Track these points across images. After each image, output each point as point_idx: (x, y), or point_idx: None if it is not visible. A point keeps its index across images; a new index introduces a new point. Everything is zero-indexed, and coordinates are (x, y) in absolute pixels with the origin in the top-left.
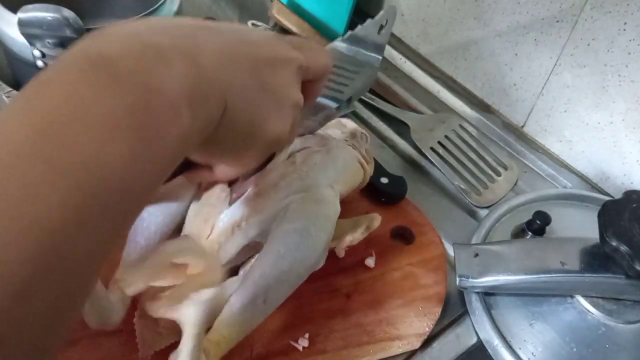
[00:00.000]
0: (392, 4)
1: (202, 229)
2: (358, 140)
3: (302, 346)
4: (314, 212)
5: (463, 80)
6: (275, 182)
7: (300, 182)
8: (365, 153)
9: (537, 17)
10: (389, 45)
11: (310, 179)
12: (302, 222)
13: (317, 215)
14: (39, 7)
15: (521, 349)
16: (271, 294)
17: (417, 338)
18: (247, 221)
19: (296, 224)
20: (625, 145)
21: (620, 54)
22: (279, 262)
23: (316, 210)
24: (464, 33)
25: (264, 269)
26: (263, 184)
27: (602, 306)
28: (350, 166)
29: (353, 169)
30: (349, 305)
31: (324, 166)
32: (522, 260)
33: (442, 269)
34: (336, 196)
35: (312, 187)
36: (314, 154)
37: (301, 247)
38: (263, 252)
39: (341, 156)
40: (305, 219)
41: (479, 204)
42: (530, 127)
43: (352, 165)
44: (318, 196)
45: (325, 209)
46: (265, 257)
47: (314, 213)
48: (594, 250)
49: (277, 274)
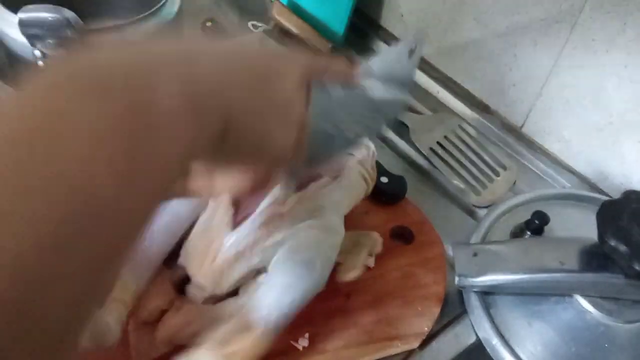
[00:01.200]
0: (392, 4)
1: (206, 254)
2: (365, 157)
3: (302, 346)
4: (321, 242)
5: (462, 81)
6: (280, 214)
7: (306, 209)
8: (370, 168)
9: (537, 18)
10: (388, 46)
11: (318, 206)
12: (309, 253)
13: (324, 246)
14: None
15: (520, 348)
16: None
17: (416, 337)
18: (251, 250)
19: (303, 255)
20: (624, 145)
21: (619, 55)
22: (284, 294)
23: (324, 240)
24: (464, 34)
25: (269, 300)
26: (269, 212)
27: (601, 306)
28: (355, 185)
29: (358, 188)
30: (348, 305)
31: (331, 192)
32: (521, 259)
33: (442, 269)
34: (341, 220)
35: (320, 215)
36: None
37: (307, 279)
38: (268, 282)
39: (347, 178)
40: (312, 249)
41: (478, 204)
42: (529, 127)
43: (357, 185)
44: (325, 225)
45: (332, 239)
46: (271, 288)
47: (321, 243)
48: (593, 250)
49: (280, 307)
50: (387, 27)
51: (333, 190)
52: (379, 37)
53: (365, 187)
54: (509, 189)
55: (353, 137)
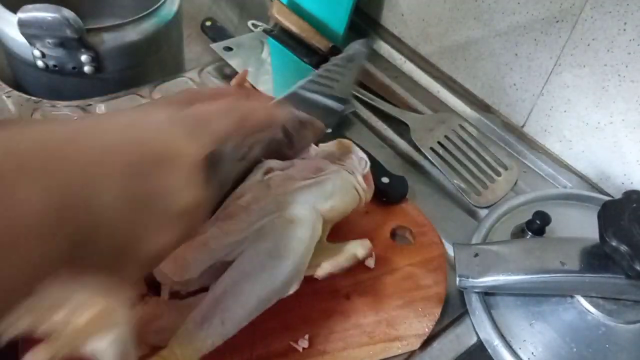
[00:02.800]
0: (392, 3)
1: None
2: (355, 165)
3: (302, 347)
4: (286, 232)
5: (463, 80)
6: (248, 204)
7: (274, 203)
8: (363, 179)
9: (537, 17)
10: (388, 45)
11: (287, 200)
12: (272, 242)
13: (290, 236)
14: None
15: (521, 348)
16: (229, 314)
17: (417, 338)
18: (215, 241)
19: (266, 244)
20: (625, 145)
21: (620, 54)
22: (242, 282)
23: (289, 231)
24: (464, 33)
25: (226, 287)
26: (234, 205)
27: (602, 306)
28: (342, 190)
29: (345, 193)
30: (348, 305)
31: (306, 190)
32: (522, 260)
33: (442, 269)
34: (317, 219)
35: (288, 207)
36: (294, 181)
37: (267, 267)
38: (229, 269)
39: (331, 179)
40: (276, 238)
41: (478, 204)
42: (530, 127)
43: (344, 190)
44: (293, 216)
45: (300, 231)
46: (230, 275)
47: (287, 234)
48: (594, 250)
49: (238, 293)
50: (387, 26)
51: (310, 189)
52: (379, 36)
53: (356, 197)
54: (510, 189)
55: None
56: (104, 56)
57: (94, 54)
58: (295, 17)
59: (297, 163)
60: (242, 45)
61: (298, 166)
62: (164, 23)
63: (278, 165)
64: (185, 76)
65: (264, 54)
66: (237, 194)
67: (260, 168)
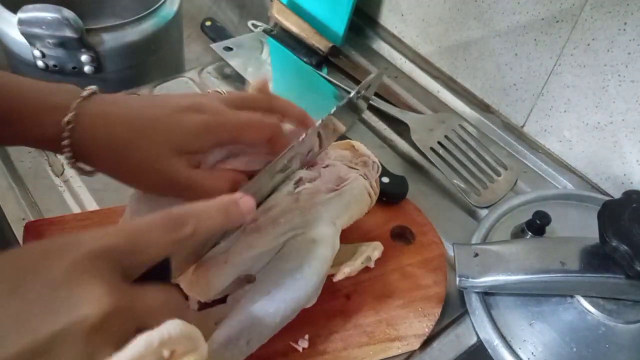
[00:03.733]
0: (393, 4)
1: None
2: (369, 170)
3: (302, 347)
4: (310, 252)
5: (463, 80)
6: (275, 217)
7: (301, 218)
8: (374, 181)
9: (537, 17)
10: (388, 45)
11: (312, 216)
12: (296, 262)
13: (313, 257)
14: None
15: (521, 348)
16: (255, 335)
17: (417, 338)
18: (240, 255)
19: (290, 264)
20: (625, 145)
21: (620, 54)
22: (267, 304)
23: (313, 251)
24: (464, 33)
25: (251, 308)
26: (264, 218)
27: (602, 306)
28: (359, 199)
29: (361, 201)
30: (348, 306)
31: (328, 203)
32: (522, 260)
33: (442, 269)
34: (337, 233)
35: (313, 225)
36: (320, 194)
37: (292, 289)
38: (253, 290)
39: (349, 191)
40: (300, 259)
41: (478, 204)
42: (530, 127)
43: (360, 197)
44: (317, 236)
45: (323, 250)
46: (254, 296)
47: (310, 254)
48: (594, 250)
49: (263, 315)
50: (387, 26)
51: (332, 202)
52: (379, 36)
53: (369, 202)
54: (510, 189)
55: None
56: (104, 56)
57: (94, 54)
58: (296, 18)
59: (323, 173)
60: (242, 45)
61: (324, 177)
62: (164, 23)
63: (307, 176)
64: (185, 76)
65: (264, 54)
66: (267, 205)
67: (291, 179)
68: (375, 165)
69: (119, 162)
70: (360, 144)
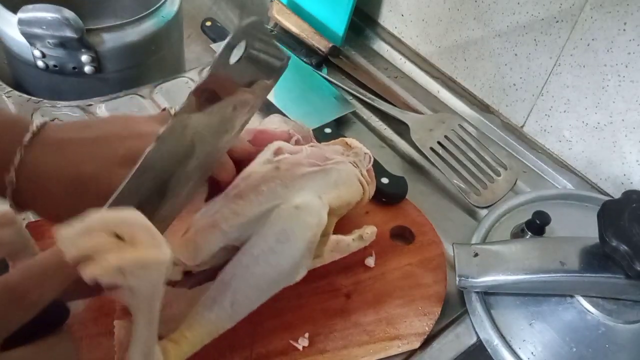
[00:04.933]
0: (392, 4)
1: (177, 226)
2: (360, 160)
3: (302, 346)
4: (294, 217)
5: (463, 80)
6: (257, 184)
7: (283, 188)
8: (367, 173)
9: (537, 17)
10: (388, 45)
11: (295, 187)
12: (280, 226)
13: (298, 222)
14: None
15: (521, 348)
16: (240, 297)
17: (417, 338)
18: (226, 222)
19: (274, 228)
20: (624, 145)
21: (620, 54)
22: (251, 265)
23: (296, 216)
24: (464, 33)
25: (235, 270)
26: (244, 185)
27: (602, 306)
28: (347, 182)
29: (349, 185)
30: (349, 305)
31: (312, 177)
32: (522, 260)
33: (442, 269)
34: (324, 207)
35: (296, 195)
36: (302, 166)
37: (276, 251)
38: (238, 253)
39: (335, 171)
40: (284, 224)
41: (478, 204)
42: (530, 127)
43: (348, 181)
44: (300, 203)
45: (307, 216)
46: (239, 259)
47: (295, 218)
48: (594, 250)
49: (248, 276)
50: (387, 26)
51: (316, 177)
52: (379, 36)
53: (360, 190)
54: (510, 189)
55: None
56: (104, 56)
57: (94, 54)
58: (295, 18)
59: (306, 150)
60: None
61: (307, 153)
62: (164, 23)
63: (288, 148)
64: (185, 76)
65: None
66: (246, 172)
67: (269, 148)
68: (367, 156)
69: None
70: (353, 139)
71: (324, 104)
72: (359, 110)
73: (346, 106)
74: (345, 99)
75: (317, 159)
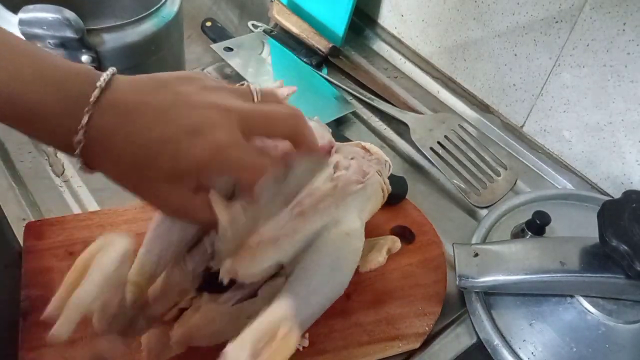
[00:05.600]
0: (392, 4)
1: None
2: (382, 168)
3: (302, 346)
4: (345, 246)
5: (463, 81)
6: (316, 203)
7: (335, 209)
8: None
9: (537, 18)
10: (388, 45)
11: (344, 208)
12: (334, 256)
13: (349, 250)
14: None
15: (521, 348)
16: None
17: (417, 338)
18: (287, 240)
19: (328, 259)
20: (624, 145)
21: (619, 54)
22: (310, 298)
23: (348, 244)
24: (464, 33)
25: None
26: (308, 202)
27: (602, 306)
28: (376, 193)
29: (377, 196)
30: (349, 305)
31: (356, 196)
32: (522, 260)
33: (442, 269)
34: (363, 226)
35: (344, 217)
36: (352, 184)
37: (332, 283)
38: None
39: (370, 186)
40: (337, 253)
41: (478, 204)
42: (530, 127)
43: (377, 192)
44: (350, 229)
45: (357, 242)
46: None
47: (346, 247)
48: (594, 250)
49: (305, 308)
50: (387, 27)
51: (359, 195)
52: (379, 37)
53: (382, 199)
54: (510, 189)
55: None
56: (104, 57)
57: (95, 55)
58: (296, 18)
59: (352, 165)
60: (242, 46)
61: (353, 168)
62: (165, 23)
63: (343, 163)
64: None
65: (264, 54)
66: (311, 188)
67: (331, 163)
68: (387, 163)
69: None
70: (370, 144)
71: (324, 104)
72: (359, 110)
73: (346, 106)
74: (345, 99)
75: (360, 173)
